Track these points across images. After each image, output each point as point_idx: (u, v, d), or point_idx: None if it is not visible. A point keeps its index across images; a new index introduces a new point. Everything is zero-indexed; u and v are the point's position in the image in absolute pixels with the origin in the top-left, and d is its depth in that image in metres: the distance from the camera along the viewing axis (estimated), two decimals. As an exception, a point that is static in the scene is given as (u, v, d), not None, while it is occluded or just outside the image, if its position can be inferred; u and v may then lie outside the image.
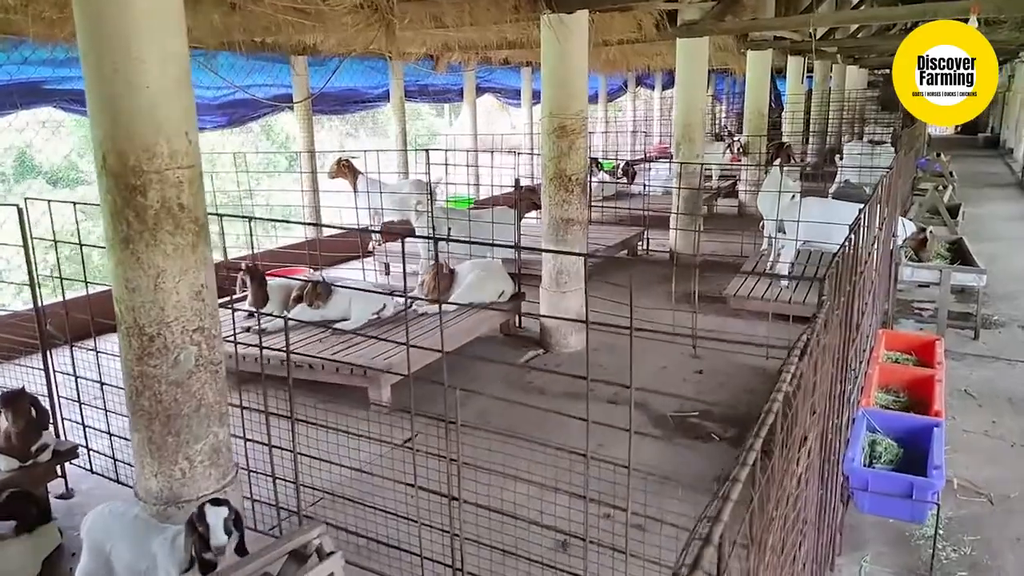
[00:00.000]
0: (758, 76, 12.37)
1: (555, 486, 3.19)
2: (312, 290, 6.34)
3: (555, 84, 6.02)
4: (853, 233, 3.80)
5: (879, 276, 5.77)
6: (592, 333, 6.94)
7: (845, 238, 3.69)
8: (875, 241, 5.10)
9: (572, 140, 6.03)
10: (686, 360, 6.27)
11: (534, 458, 3.37)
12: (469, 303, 6.64)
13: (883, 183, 5.29)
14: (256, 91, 9.18)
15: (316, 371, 5.36)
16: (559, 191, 6.15)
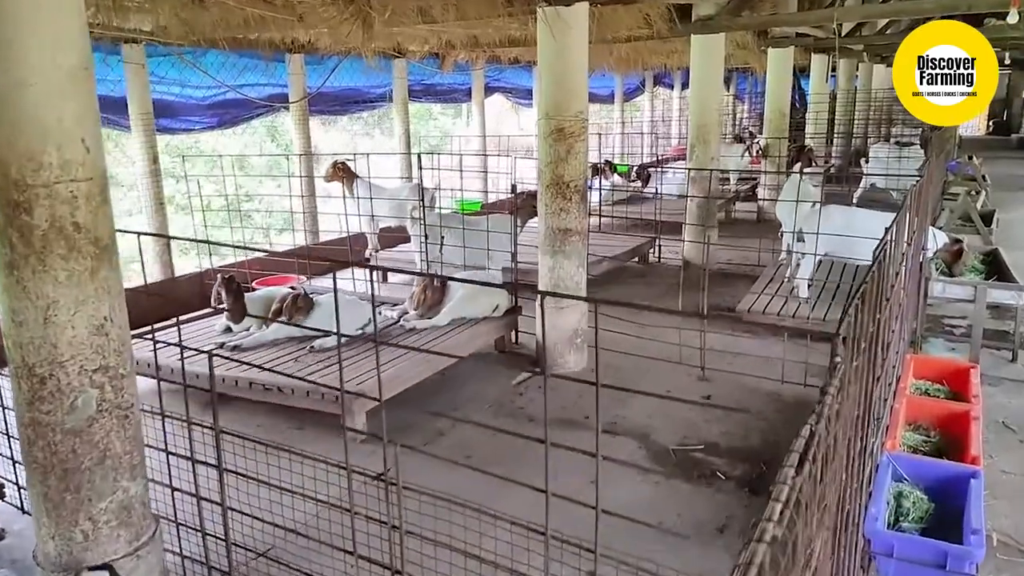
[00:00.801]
0: (779, 75, 11.79)
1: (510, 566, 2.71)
2: (292, 303, 5.92)
3: (552, 83, 5.55)
4: (881, 253, 3.30)
5: (907, 294, 5.24)
6: (591, 351, 6.46)
7: (873, 261, 3.20)
8: (904, 258, 4.57)
9: (571, 144, 5.55)
10: (693, 383, 5.76)
11: (503, 501, 2.88)
12: (460, 317, 6.20)
13: (913, 192, 4.76)
14: (249, 91, 8.80)
15: (286, 394, 4.92)
16: (556, 199, 5.67)
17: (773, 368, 5.65)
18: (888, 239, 3.74)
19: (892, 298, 4.20)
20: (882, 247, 3.48)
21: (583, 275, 5.89)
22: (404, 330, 6.06)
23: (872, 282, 3.19)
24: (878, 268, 3.46)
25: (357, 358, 5.49)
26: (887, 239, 3.71)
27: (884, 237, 3.75)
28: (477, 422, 5.05)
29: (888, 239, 3.74)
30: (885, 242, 3.61)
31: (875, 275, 3.23)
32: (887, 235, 3.77)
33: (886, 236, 3.78)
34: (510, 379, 5.86)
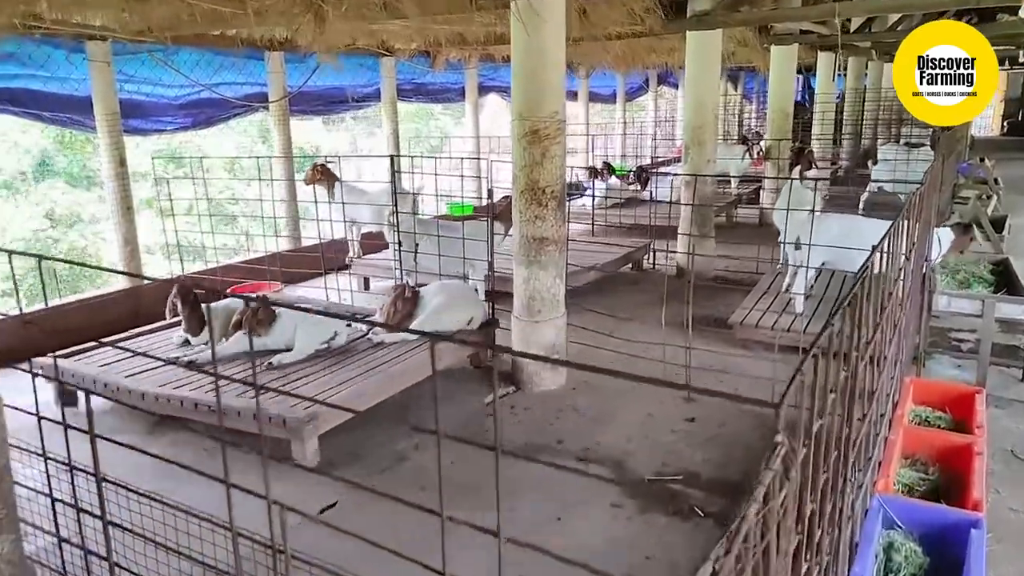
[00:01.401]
0: (782, 74, 11.36)
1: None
2: (252, 315, 5.57)
3: (525, 81, 5.18)
4: (871, 262, 2.93)
5: (908, 309, 4.84)
6: (570, 369, 6.10)
7: (861, 270, 2.83)
8: (902, 271, 4.18)
9: (546, 147, 5.18)
10: (677, 404, 5.38)
11: None
12: (433, 331, 5.83)
13: (913, 200, 4.36)
14: (225, 90, 8.48)
15: (229, 417, 4.57)
16: (531, 206, 5.30)
17: (764, 388, 5.26)
18: (882, 248, 3.38)
19: (887, 314, 3.82)
20: (873, 255, 3.12)
21: (561, 287, 5.52)
22: (372, 345, 5.70)
23: (859, 294, 2.82)
24: (870, 279, 3.10)
25: (317, 376, 5.14)
26: (881, 247, 3.35)
27: (878, 245, 3.40)
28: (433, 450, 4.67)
29: (882, 248, 3.38)
30: (879, 250, 3.25)
31: (863, 286, 2.86)
32: (881, 243, 3.42)
33: (880, 244, 3.43)
34: (482, 397, 5.49)
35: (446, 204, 11.10)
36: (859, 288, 2.82)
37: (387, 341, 5.71)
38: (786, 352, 5.71)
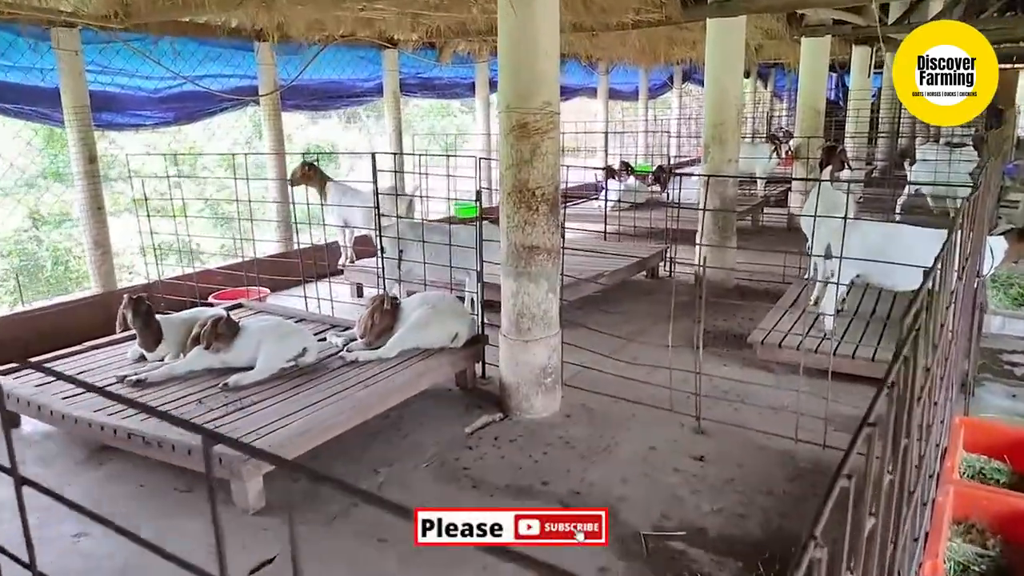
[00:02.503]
0: (814, 68, 10.58)
1: None
2: (211, 329, 4.99)
3: (513, 67, 4.53)
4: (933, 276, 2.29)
5: (958, 333, 4.13)
6: (566, 392, 5.43)
7: (925, 280, 2.19)
8: (954, 295, 3.49)
9: (536, 142, 4.53)
10: (686, 436, 4.69)
11: None
12: (413, 348, 5.22)
13: (966, 208, 3.66)
14: (210, 82, 7.93)
15: (165, 450, 3.98)
16: (519, 210, 4.65)
17: (787, 420, 4.57)
18: (939, 262, 2.71)
19: (941, 340, 3.15)
20: (934, 270, 2.49)
21: (554, 302, 4.87)
22: (345, 363, 5.10)
23: (925, 316, 2.20)
24: (932, 298, 2.45)
25: (276, 400, 4.55)
26: (939, 262, 2.68)
27: (939, 256, 2.74)
28: (429, 461, 4.06)
29: (939, 262, 2.71)
30: (937, 265, 2.60)
31: (926, 307, 2.22)
32: (940, 257, 2.75)
33: (940, 256, 2.77)
34: (464, 425, 4.85)
35: (454, 205, 10.51)
36: (924, 309, 2.19)
37: (361, 359, 5.11)
38: (812, 376, 5.03)
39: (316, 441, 4.10)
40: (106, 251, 6.97)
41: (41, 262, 9.77)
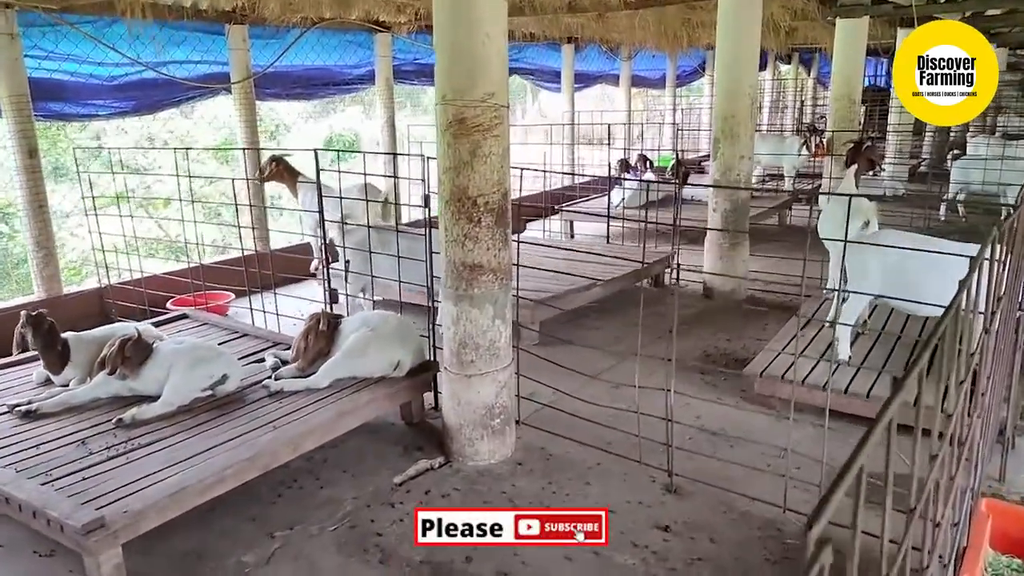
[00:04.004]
0: (849, 52, 9.54)
1: None
2: (118, 351, 4.36)
3: (448, 52, 3.78)
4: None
5: (995, 372, 3.31)
6: (523, 432, 4.65)
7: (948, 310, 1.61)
8: (992, 320, 2.73)
9: (476, 141, 3.78)
10: (655, 496, 3.91)
11: None
12: (348, 377, 4.53)
13: (1008, 224, 2.87)
14: (175, 69, 7.33)
15: (11, 508, 3.35)
16: (459, 221, 3.91)
17: (780, 476, 3.75)
18: (968, 286, 2.05)
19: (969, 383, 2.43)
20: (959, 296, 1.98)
21: (503, 331, 4.11)
22: (268, 393, 4.43)
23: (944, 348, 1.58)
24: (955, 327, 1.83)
25: (173, 439, 3.89)
26: (968, 286, 2.02)
27: (965, 281, 2.18)
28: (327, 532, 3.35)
29: (968, 286, 2.05)
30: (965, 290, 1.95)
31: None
32: (967, 280, 2.19)
33: (967, 279, 2.20)
34: (397, 472, 4.15)
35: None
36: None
37: (287, 390, 4.43)
38: (820, 417, 4.21)
39: (192, 503, 3.43)
40: (50, 253, 6.43)
41: (18, 259, 9.34)
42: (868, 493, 1.31)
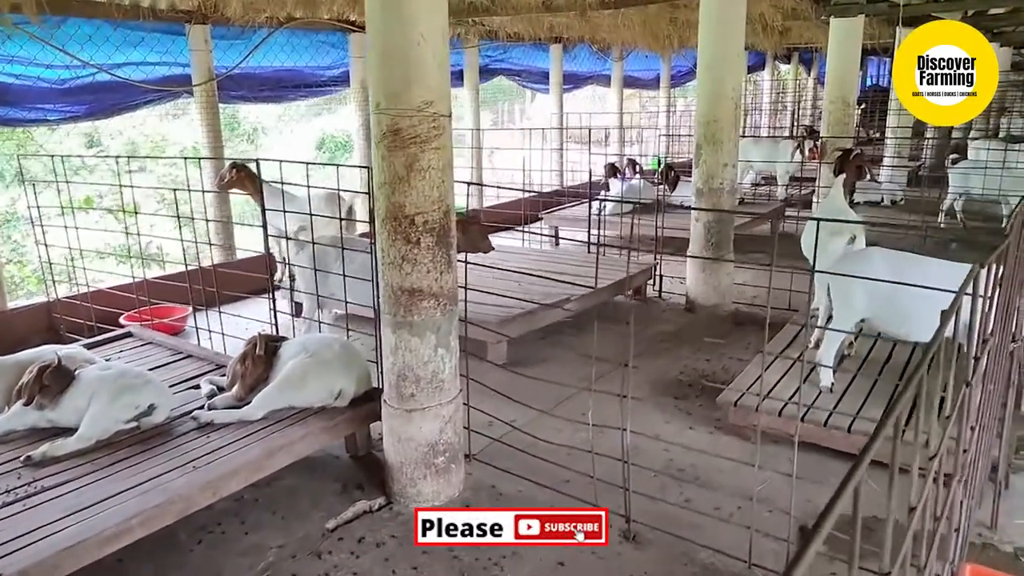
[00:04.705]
0: (844, 53, 9.18)
1: None
2: (35, 379, 4.02)
3: (382, 55, 3.42)
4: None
5: (987, 407, 2.97)
6: (475, 468, 4.26)
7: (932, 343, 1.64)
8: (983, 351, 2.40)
9: (413, 154, 3.42)
10: (610, 547, 3.54)
11: None
12: (286, 407, 4.18)
13: (1004, 249, 2.55)
14: (133, 71, 6.98)
15: None
16: (395, 242, 3.55)
17: (751, 522, 3.39)
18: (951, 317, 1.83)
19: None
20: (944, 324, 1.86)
21: (448, 361, 3.76)
22: (198, 425, 4.08)
23: None
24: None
25: (83, 480, 3.55)
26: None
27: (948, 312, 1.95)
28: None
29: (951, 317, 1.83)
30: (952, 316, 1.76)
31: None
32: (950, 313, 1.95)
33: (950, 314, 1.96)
34: (333, 514, 3.80)
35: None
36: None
37: (217, 422, 4.08)
38: (800, 451, 3.87)
39: (91, 557, 3.08)
40: (-8, 266, 6.09)
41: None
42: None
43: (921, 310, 4.08)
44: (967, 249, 8.90)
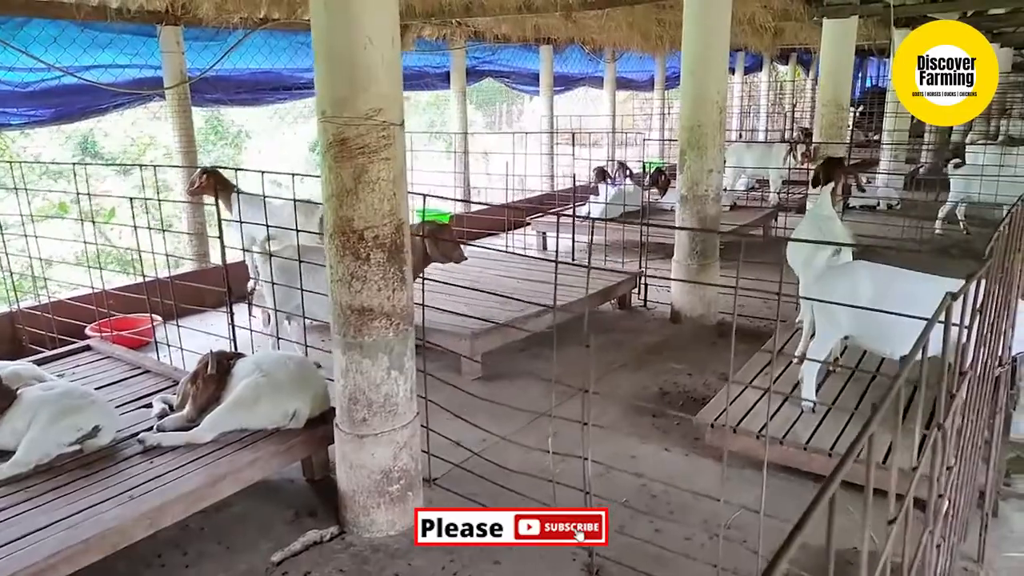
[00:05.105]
0: (837, 55, 8.94)
1: None
2: (-27, 400, 3.82)
3: (327, 60, 3.22)
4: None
5: (970, 432, 2.76)
6: (434, 495, 3.97)
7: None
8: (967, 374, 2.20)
9: (361, 165, 3.22)
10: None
11: None
12: (239, 428, 3.97)
13: (993, 259, 2.35)
14: (101, 74, 6.79)
15: None
16: (344, 258, 3.34)
17: (724, 555, 3.18)
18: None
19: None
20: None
21: (403, 384, 3.54)
22: (144, 447, 3.87)
23: None
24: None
25: (15, 510, 3.34)
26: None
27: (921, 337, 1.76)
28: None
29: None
30: None
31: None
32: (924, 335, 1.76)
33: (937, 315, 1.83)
34: (280, 545, 3.59)
35: (416, 212, 9.25)
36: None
37: (165, 444, 3.87)
38: (780, 476, 3.69)
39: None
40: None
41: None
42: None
43: (906, 328, 3.86)
44: (967, 256, 8.69)
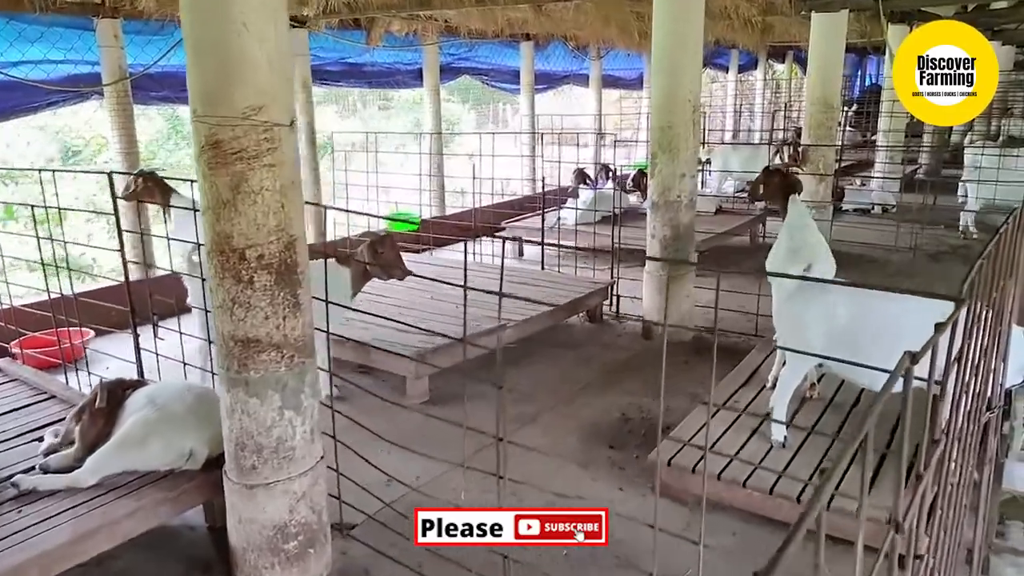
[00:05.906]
0: (826, 51, 8.42)
1: None
2: None
3: (197, 51, 2.74)
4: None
5: (957, 479, 2.30)
6: (348, 547, 3.41)
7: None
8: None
9: (239, 173, 2.74)
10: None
11: None
12: (129, 470, 3.49)
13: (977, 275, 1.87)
14: (31, 70, 6.32)
15: None
16: (224, 280, 2.86)
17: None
18: None
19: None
20: None
21: (299, 425, 3.06)
22: (15, 494, 3.39)
23: None
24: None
25: None
26: None
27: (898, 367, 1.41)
28: None
29: None
30: None
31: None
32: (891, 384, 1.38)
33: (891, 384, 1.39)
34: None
35: (389, 216, 8.83)
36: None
37: (42, 488, 3.40)
38: (747, 522, 3.20)
39: None
40: None
41: None
42: None
43: (886, 356, 3.39)
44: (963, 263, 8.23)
